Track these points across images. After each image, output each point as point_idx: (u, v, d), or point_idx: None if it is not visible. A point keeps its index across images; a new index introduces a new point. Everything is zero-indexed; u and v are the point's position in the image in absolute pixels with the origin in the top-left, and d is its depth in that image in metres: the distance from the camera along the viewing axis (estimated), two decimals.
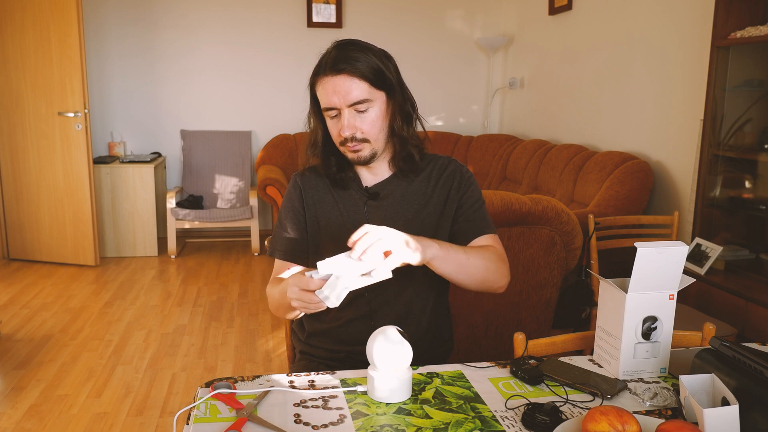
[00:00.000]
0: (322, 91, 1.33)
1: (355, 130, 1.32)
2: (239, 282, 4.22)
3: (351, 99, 1.30)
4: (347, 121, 1.31)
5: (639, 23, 3.54)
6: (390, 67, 1.36)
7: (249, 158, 5.19)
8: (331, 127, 1.36)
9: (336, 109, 1.32)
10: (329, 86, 1.30)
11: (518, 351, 1.35)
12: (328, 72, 1.31)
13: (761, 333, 2.30)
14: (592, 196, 3.42)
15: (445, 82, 5.48)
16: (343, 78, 1.30)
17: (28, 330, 3.30)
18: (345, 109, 1.31)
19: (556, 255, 2.18)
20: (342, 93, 1.30)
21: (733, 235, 2.74)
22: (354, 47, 1.33)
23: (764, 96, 2.61)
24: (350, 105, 1.31)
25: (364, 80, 1.30)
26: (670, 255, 1.18)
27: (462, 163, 1.63)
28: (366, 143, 1.35)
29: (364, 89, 1.31)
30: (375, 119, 1.34)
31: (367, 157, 1.36)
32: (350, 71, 1.29)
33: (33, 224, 4.50)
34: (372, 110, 1.33)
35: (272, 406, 1.10)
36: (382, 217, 1.41)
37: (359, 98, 1.30)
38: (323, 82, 1.32)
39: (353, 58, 1.30)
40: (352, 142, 1.34)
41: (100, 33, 4.96)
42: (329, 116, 1.35)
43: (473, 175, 1.49)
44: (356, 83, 1.30)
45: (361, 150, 1.35)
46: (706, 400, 1.03)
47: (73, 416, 2.45)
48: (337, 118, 1.34)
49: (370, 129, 1.34)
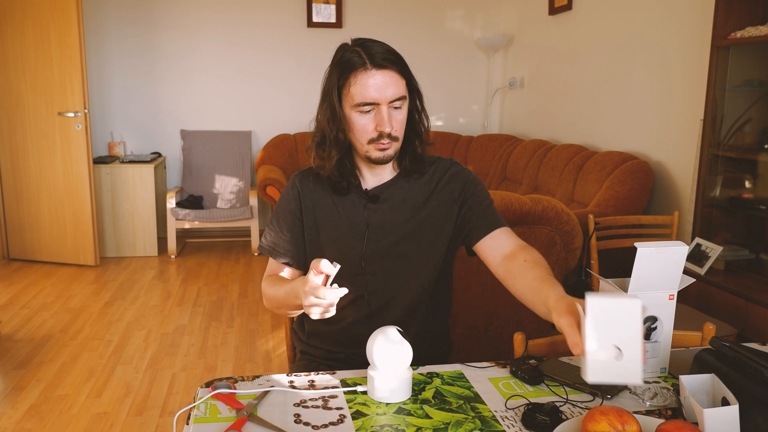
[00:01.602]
0: (360, 86, 1.29)
1: (392, 127, 1.32)
2: (239, 282, 4.22)
3: (393, 95, 1.30)
4: (387, 116, 1.31)
5: (639, 23, 3.54)
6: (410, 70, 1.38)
7: (249, 158, 5.19)
8: (363, 123, 1.32)
9: (372, 105, 1.30)
10: (371, 81, 1.29)
11: (518, 351, 1.35)
12: (370, 67, 1.29)
13: (761, 333, 2.30)
14: (592, 196, 3.42)
15: (445, 82, 5.48)
16: (388, 73, 1.30)
17: (28, 330, 3.30)
18: (384, 105, 1.30)
19: (556, 255, 2.18)
20: (384, 88, 1.29)
21: (733, 235, 2.74)
22: (384, 45, 1.33)
23: (764, 96, 2.61)
24: (390, 101, 1.31)
25: (404, 77, 1.32)
26: (670, 255, 1.18)
27: (462, 163, 1.63)
28: (395, 142, 1.35)
29: (403, 87, 1.32)
30: (404, 119, 1.35)
31: (391, 156, 1.36)
32: (395, 68, 1.30)
33: (33, 224, 4.50)
34: (404, 109, 1.34)
35: (272, 406, 1.10)
36: (381, 221, 1.41)
37: (399, 95, 1.31)
38: (363, 76, 1.29)
39: (392, 55, 1.31)
40: (386, 139, 1.32)
41: (100, 33, 4.96)
42: (362, 111, 1.31)
43: (477, 176, 1.49)
44: (399, 80, 1.31)
45: (389, 148, 1.34)
46: (706, 400, 1.03)
47: (73, 416, 2.45)
48: (371, 114, 1.32)
49: (400, 128, 1.35)
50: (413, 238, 1.40)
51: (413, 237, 1.41)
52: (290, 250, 1.45)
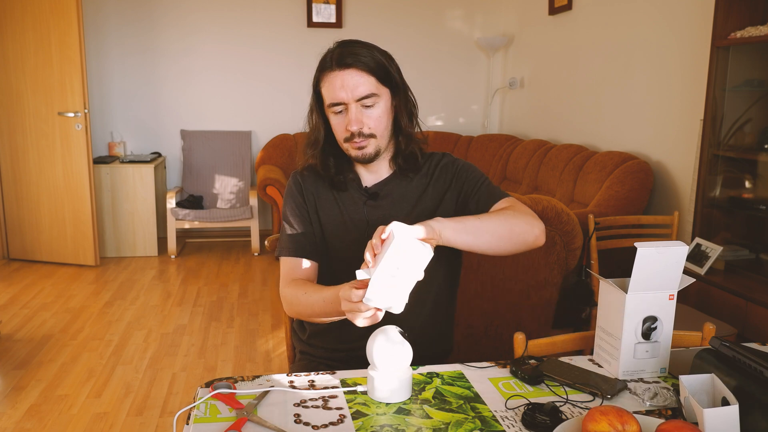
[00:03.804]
0: (328, 86, 1.33)
1: (362, 125, 1.33)
2: (239, 282, 4.22)
3: (359, 93, 1.31)
4: (354, 115, 1.32)
5: (639, 23, 3.54)
6: (393, 65, 1.37)
7: (249, 158, 5.19)
8: (337, 123, 1.36)
9: (342, 105, 1.32)
10: (337, 81, 1.31)
11: (518, 351, 1.35)
12: (335, 67, 1.31)
13: (761, 333, 2.30)
14: (592, 196, 3.42)
15: (445, 82, 5.48)
16: (351, 72, 1.30)
17: (28, 330, 3.30)
18: (352, 104, 1.31)
19: (556, 255, 2.18)
20: (350, 87, 1.30)
21: (733, 235, 2.74)
22: (358, 44, 1.34)
23: (764, 96, 2.61)
24: (358, 99, 1.31)
25: (371, 75, 1.32)
26: (670, 255, 1.18)
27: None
28: (372, 139, 1.35)
29: (371, 84, 1.32)
30: (381, 115, 1.34)
31: (371, 155, 1.37)
32: (358, 66, 1.30)
33: (33, 224, 4.50)
34: (378, 106, 1.34)
35: (272, 406, 1.10)
36: (381, 217, 1.41)
37: (367, 92, 1.31)
38: (330, 77, 1.32)
39: (360, 53, 1.31)
40: (358, 138, 1.33)
41: (100, 33, 4.96)
42: (334, 112, 1.34)
43: (468, 161, 1.49)
44: (364, 77, 1.31)
45: (366, 146, 1.35)
46: (706, 400, 1.03)
47: (73, 416, 2.45)
48: (343, 114, 1.34)
49: (377, 125, 1.34)
50: None
51: None
52: (309, 246, 1.43)
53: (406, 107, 1.39)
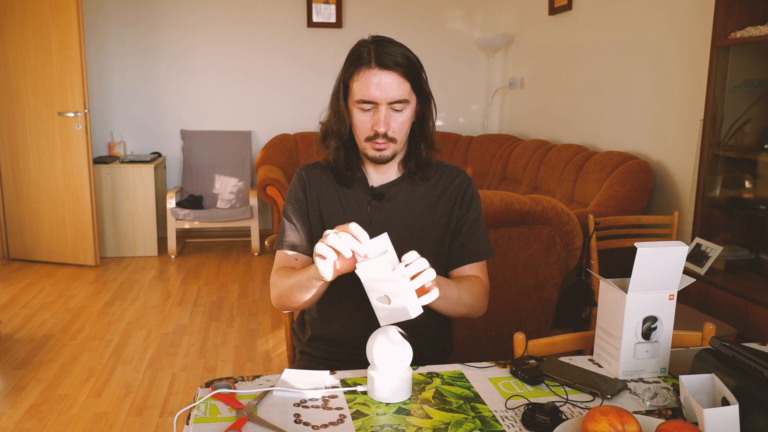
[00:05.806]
0: (362, 83, 1.31)
1: (388, 128, 1.33)
2: (239, 282, 4.22)
3: (392, 96, 1.31)
4: (384, 117, 1.32)
5: (639, 23, 3.54)
6: (424, 74, 1.38)
7: (249, 158, 5.19)
8: (361, 121, 1.35)
9: (372, 104, 1.32)
10: (374, 79, 1.30)
11: (518, 351, 1.35)
12: (374, 65, 1.30)
13: (761, 333, 2.30)
14: (592, 196, 3.42)
15: (445, 82, 5.48)
16: (390, 74, 1.30)
17: (28, 330, 3.30)
18: (383, 105, 1.31)
19: (556, 255, 2.18)
20: (385, 89, 1.30)
21: (733, 235, 2.74)
22: (399, 46, 1.34)
23: (764, 96, 2.61)
24: (390, 103, 1.31)
25: (408, 81, 1.32)
26: (670, 255, 1.18)
27: (462, 163, 1.64)
28: (392, 143, 1.35)
29: (406, 90, 1.32)
30: (405, 121, 1.35)
31: (388, 157, 1.37)
32: (398, 70, 1.30)
33: (33, 224, 4.50)
34: (405, 111, 1.34)
35: (272, 406, 1.10)
36: (384, 219, 1.41)
37: (400, 97, 1.31)
38: (366, 74, 1.31)
39: (402, 57, 1.31)
40: (381, 139, 1.34)
41: (100, 33, 4.96)
42: (362, 109, 1.33)
43: (477, 191, 1.50)
44: (402, 83, 1.31)
45: (385, 149, 1.35)
46: (706, 400, 1.03)
47: (73, 416, 2.45)
48: (370, 113, 1.33)
49: (400, 130, 1.35)
50: (416, 239, 1.40)
51: (416, 238, 1.41)
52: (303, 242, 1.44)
53: (429, 116, 1.40)
